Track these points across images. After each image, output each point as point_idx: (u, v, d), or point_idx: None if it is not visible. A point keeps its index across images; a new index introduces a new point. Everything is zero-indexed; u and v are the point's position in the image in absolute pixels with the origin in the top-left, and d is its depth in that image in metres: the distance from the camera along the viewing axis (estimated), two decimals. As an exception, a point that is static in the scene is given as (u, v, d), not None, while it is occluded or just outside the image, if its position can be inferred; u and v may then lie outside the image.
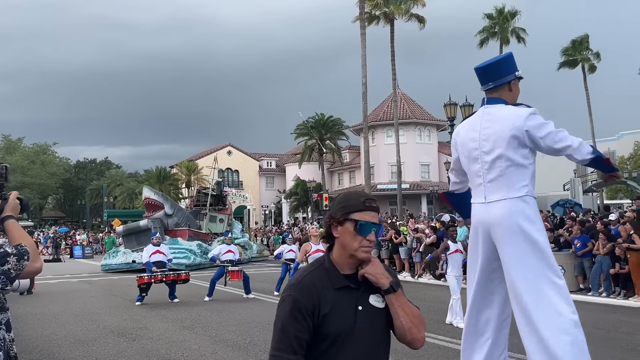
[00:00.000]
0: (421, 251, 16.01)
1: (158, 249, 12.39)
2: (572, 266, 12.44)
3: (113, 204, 61.52)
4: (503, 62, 3.63)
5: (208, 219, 26.60)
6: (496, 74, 3.59)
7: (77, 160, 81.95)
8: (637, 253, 10.84)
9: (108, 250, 27.85)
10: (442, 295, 12.56)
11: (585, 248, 12.09)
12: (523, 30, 37.03)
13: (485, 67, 3.65)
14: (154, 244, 12.52)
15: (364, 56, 27.99)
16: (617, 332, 7.95)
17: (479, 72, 3.69)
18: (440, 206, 40.03)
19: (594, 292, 11.60)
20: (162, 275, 11.99)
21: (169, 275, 12.21)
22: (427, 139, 45.33)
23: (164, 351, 7.08)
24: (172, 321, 9.45)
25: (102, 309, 11.25)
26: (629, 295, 10.98)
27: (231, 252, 12.75)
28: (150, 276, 11.87)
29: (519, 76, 3.60)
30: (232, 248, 12.94)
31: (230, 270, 12.44)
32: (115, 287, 15.55)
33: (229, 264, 12.56)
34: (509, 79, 3.55)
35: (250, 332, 8.19)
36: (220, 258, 12.70)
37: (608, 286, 11.46)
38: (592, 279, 11.78)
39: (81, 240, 37.39)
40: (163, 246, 12.78)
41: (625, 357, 6.46)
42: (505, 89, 3.57)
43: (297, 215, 46.34)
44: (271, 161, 59.78)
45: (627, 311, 9.99)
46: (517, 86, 3.59)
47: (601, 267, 11.51)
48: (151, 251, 12.34)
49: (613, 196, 44.61)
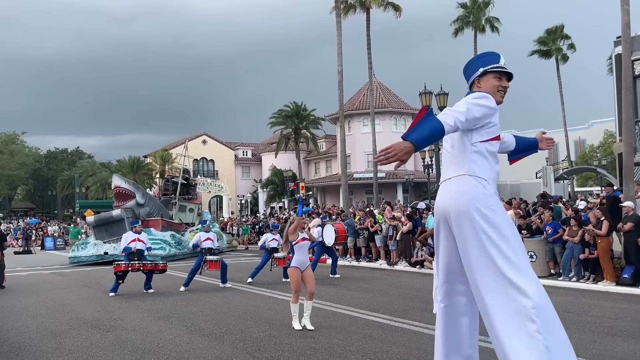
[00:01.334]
0: (398, 239, 16.14)
1: (138, 237, 12.17)
2: (543, 252, 12.71)
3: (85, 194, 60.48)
4: (470, 63, 3.84)
5: (177, 209, 26.06)
6: (466, 74, 3.85)
7: (47, 150, 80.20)
8: (605, 239, 11.13)
9: (74, 241, 27.11)
10: (418, 282, 12.72)
11: (556, 234, 12.34)
12: (497, 20, 37.41)
13: (463, 69, 3.89)
14: (135, 232, 12.28)
15: (339, 44, 27.89)
16: (587, 315, 8.16)
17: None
18: (416, 194, 40.42)
19: (564, 277, 11.88)
20: (139, 264, 11.82)
21: (146, 264, 12.04)
22: (402, 128, 45.55)
23: (138, 342, 6.99)
24: (147, 312, 9.34)
25: (74, 300, 11.05)
26: (598, 279, 11.28)
27: (210, 240, 12.55)
28: (127, 264, 11.69)
29: (482, 72, 3.71)
30: (211, 235, 12.72)
31: (208, 259, 12.30)
32: (89, 279, 15.30)
33: (207, 252, 12.41)
34: (474, 78, 3.76)
35: (226, 322, 8.15)
36: (200, 246, 12.50)
37: (578, 271, 11.75)
38: (563, 265, 12.06)
39: (52, 232, 36.66)
40: (143, 234, 12.53)
41: (595, 339, 6.64)
42: (475, 86, 3.76)
43: (274, 205, 46.24)
44: (247, 150, 59.40)
45: (597, 295, 10.26)
46: (487, 81, 3.70)
47: (572, 252, 11.78)
48: (131, 238, 12.14)
49: (583, 184, 45.64)
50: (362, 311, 8.69)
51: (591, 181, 43.64)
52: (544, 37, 39.40)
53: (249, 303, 9.95)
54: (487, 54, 3.80)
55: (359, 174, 42.76)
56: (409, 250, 15.73)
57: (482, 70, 3.71)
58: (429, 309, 8.74)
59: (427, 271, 14.49)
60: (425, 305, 9.25)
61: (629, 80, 13.42)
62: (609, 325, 7.46)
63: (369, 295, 10.47)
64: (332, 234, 14.28)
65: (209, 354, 6.27)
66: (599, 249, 11.17)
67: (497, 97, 3.65)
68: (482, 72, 3.71)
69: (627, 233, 10.93)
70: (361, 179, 42.12)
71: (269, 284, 12.61)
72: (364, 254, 17.78)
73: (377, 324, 7.74)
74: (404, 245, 15.94)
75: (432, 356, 5.90)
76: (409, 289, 11.37)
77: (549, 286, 11.40)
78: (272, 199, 46.31)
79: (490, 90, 3.64)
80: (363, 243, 17.77)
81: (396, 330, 7.25)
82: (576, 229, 11.72)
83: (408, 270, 15.12)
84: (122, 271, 11.60)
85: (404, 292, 10.96)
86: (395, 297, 10.16)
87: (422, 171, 34.92)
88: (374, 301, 9.71)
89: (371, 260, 17.23)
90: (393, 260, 16.24)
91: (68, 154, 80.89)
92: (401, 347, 6.30)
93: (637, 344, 6.33)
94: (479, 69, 3.73)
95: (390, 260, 16.37)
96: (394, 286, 11.98)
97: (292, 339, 6.84)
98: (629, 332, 6.97)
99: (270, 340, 6.85)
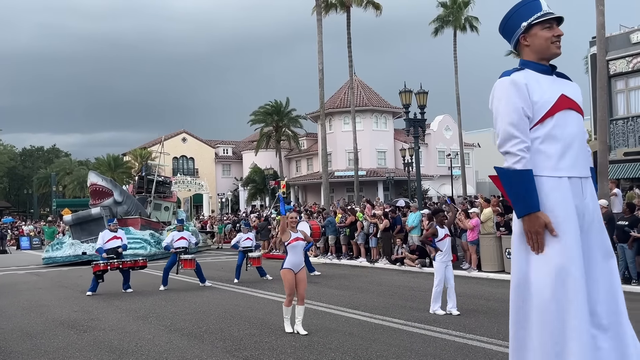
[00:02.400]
0: (378, 236, 16.22)
1: (115, 235, 11.94)
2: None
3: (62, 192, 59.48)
4: (508, 19, 3.10)
5: (152, 207, 25.44)
6: (506, 33, 3.13)
7: (23, 148, 78.64)
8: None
9: (48, 241, 26.23)
10: (399, 279, 12.80)
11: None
12: (476, 19, 37.79)
13: (500, 28, 3.15)
14: (111, 230, 12.02)
15: (320, 42, 27.88)
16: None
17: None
18: (397, 192, 40.66)
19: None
20: (118, 262, 11.64)
21: (126, 262, 11.85)
22: (383, 126, 45.78)
23: (116, 342, 6.91)
24: (126, 311, 9.24)
25: (51, 301, 10.87)
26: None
27: (183, 239, 12.45)
28: (106, 263, 11.51)
29: (527, 26, 2.99)
30: (185, 235, 12.62)
31: (182, 258, 12.20)
32: (66, 279, 15.06)
33: (182, 252, 12.32)
34: (518, 36, 3.05)
35: (206, 321, 8.10)
36: (173, 245, 12.40)
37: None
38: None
39: (28, 231, 35.97)
40: (121, 232, 12.29)
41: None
42: (522, 45, 3.05)
43: (255, 203, 46.07)
44: (227, 148, 59.04)
45: (572, 291, 10.45)
46: (536, 36, 2.98)
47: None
48: (107, 237, 11.89)
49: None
50: (343, 309, 8.71)
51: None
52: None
53: (228, 302, 9.91)
54: (523, 3, 3.05)
55: (340, 172, 42.85)
56: (389, 248, 15.82)
57: (526, 24, 2.99)
58: (408, 306, 8.83)
59: (407, 268, 14.59)
60: (405, 302, 9.32)
61: (603, 80, 13.68)
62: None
63: (349, 293, 10.51)
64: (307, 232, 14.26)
65: (188, 353, 6.23)
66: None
67: (553, 49, 2.99)
68: (527, 26, 3.00)
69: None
70: (342, 177, 42.22)
71: (249, 282, 12.56)
72: (344, 251, 17.83)
73: (357, 321, 7.76)
74: (384, 242, 16.02)
75: (411, 353, 5.96)
76: (389, 286, 11.44)
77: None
78: (253, 197, 46.14)
79: (542, 46, 2.97)
80: (344, 241, 17.81)
81: (376, 328, 7.28)
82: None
83: (388, 268, 15.21)
84: (101, 270, 11.43)
85: (384, 289, 11.02)
86: (376, 295, 10.21)
87: (402, 169, 35.11)
88: (354, 299, 9.74)
89: (352, 257, 17.29)
90: (373, 258, 16.31)
91: (45, 152, 79.43)
92: (381, 345, 6.33)
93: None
94: (520, 25, 3.01)
95: (370, 258, 16.44)
96: (374, 283, 12.04)
97: (272, 338, 6.83)
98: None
99: (251, 338, 6.83)
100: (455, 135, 41.28)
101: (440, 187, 45.04)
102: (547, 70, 3.01)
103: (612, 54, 20.98)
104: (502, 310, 8.29)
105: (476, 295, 9.97)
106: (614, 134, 20.93)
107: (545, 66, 3.02)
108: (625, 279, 10.53)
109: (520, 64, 3.05)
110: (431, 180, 44.56)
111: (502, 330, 6.89)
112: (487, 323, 7.45)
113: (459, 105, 37.45)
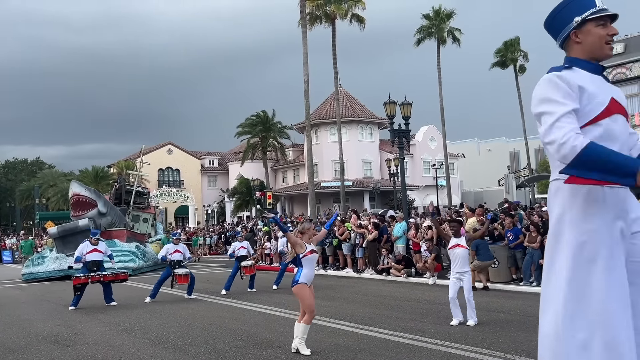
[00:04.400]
0: (364, 247, 16.25)
1: (95, 248, 11.67)
2: (505, 258, 13.01)
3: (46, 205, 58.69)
4: (558, 12, 2.79)
5: (131, 218, 24.72)
6: (554, 29, 2.83)
7: (5, 160, 77.61)
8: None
9: (27, 256, 24.39)
10: (385, 289, 12.83)
11: (517, 240, 12.67)
12: (458, 31, 38.36)
13: (547, 23, 2.86)
14: (92, 243, 11.72)
15: (305, 54, 28.06)
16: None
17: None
18: (383, 202, 40.79)
19: (525, 282, 12.18)
20: (99, 275, 11.42)
21: (107, 275, 11.61)
22: (369, 137, 46.04)
23: (100, 356, 6.84)
24: (109, 325, 9.14)
25: (34, 315, 10.72)
26: (557, 283, 11.60)
27: (179, 252, 12.13)
28: (86, 276, 11.28)
29: (580, 22, 2.69)
30: (180, 248, 12.30)
31: (177, 273, 11.94)
32: (49, 293, 14.85)
33: (176, 265, 12.07)
34: (568, 32, 2.74)
35: (191, 333, 8.05)
36: (167, 258, 12.06)
37: (538, 276, 12.06)
38: (524, 270, 12.36)
39: (11, 245, 35.41)
40: (102, 244, 11.99)
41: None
42: (572, 42, 2.75)
43: (241, 214, 45.89)
44: (213, 160, 58.87)
45: (556, 299, 10.56)
46: (589, 33, 2.68)
47: (532, 258, 12.10)
48: (87, 250, 11.59)
49: (544, 190, 46.94)
50: (329, 319, 8.71)
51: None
52: (502, 48, 41.03)
53: (214, 314, 9.85)
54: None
55: (327, 183, 42.93)
56: (375, 258, 15.86)
57: (580, 19, 2.68)
58: (394, 316, 8.86)
59: (393, 278, 14.63)
60: (391, 312, 9.35)
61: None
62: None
63: (335, 304, 10.51)
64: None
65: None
66: (558, 254, 11.50)
67: (607, 50, 2.71)
68: (580, 21, 2.68)
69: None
70: (328, 188, 42.28)
71: (235, 294, 12.50)
72: (331, 262, 17.83)
73: (343, 332, 7.77)
74: (370, 252, 16.06)
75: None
76: (375, 297, 11.46)
77: (510, 291, 11.70)
78: (239, 208, 45.97)
79: (595, 45, 2.69)
80: (330, 251, 17.82)
81: (362, 338, 7.30)
82: (535, 235, 12.06)
83: (375, 278, 15.23)
84: (81, 284, 11.19)
85: (370, 299, 11.04)
86: (362, 305, 10.23)
87: (388, 179, 35.28)
88: (340, 309, 9.75)
89: (338, 268, 17.29)
90: (360, 268, 16.33)
91: (28, 164, 78.43)
92: (367, 355, 6.35)
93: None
94: (573, 19, 2.69)
95: (357, 268, 16.46)
96: (360, 294, 12.05)
97: (258, 349, 6.81)
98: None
99: (236, 350, 6.80)
100: (440, 146, 41.66)
101: (425, 197, 45.29)
102: (597, 70, 2.72)
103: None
104: (488, 320, 8.36)
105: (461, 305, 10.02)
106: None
107: (596, 65, 2.73)
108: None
109: (568, 61, 2.73)
110: (417, 190, 44.82)
111: (486, 339, 6.95)
112: (472, 332, 7.51)
113: (443, 116, 37.86)
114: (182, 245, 12.58)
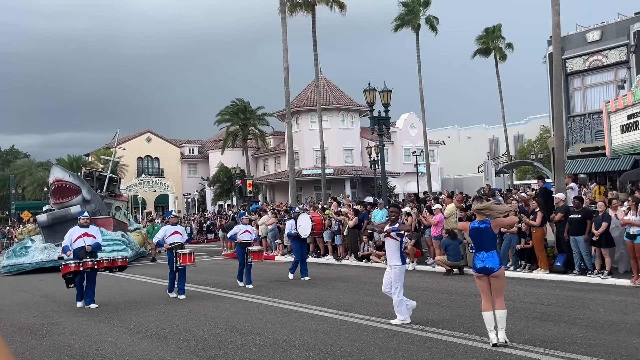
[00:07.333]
0: (344, 234, 16.31)
1: (86, 232, 9.96)
2: (483, 243, 13.15)
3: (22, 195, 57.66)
4: None
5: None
6: None
7: (-22, 150, 75.81)
8: (539, 229, 11.66)
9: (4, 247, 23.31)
10: (365, 275, 12.91)
11: (495, 226, 12.82)
12: (436, 19, 38.38)
13: None
14: (81, 225, 10.03)
15: (285, 41, 27.81)
16: (521, 302, 8.53)
17: None
18: (364, 190, 40.94)
19: (503, 267, 12.36)
20: (92, 262, 9.72)
21: (101, 261, 9.93)
22: (350, 124, 46.02)
23: (77, 346, 6.77)
24: (87, 315, 9.04)
25: (9, 306, 10.55)
26: (533, 268, 11.81)
27: (178, 234, 10.79)
28: (77, 263, 9.62)
29: None
30: (179, 229, 11.00)
31: (180, 253, 10.50)
32: (25, 283, 14.63)
33: (178, 246, 10.66)
34: None
35: (170, 322, 8.01)
36: (166, 241, 10.72)
37: (515, 260, 12.26)
38: (502, 255, 12.53)
39: (-14, 235, 34.75)
40: (92, 228, 10.25)
41: (528, 324, 6.96)
42: None
43: (222, 203, 45.67)
44: (193, 148, 58.31)
45: (531, 283, 10.75)
46: None
47: (510, 243, 12.27)
48: (77, 234, 9.89)
49: (522, 177, 47.60)
50: (309, 306, 8.75)
51: (529, 174, 45.59)
52: (483, 35, 41.16)
53: (193, 302, 9.81)
54: None
55: (308, 170, 42.89)
56: (355, 245, 15.94)
57: None
58: (373, 302, 8.93)
59: (373, 265, 14.73)
60: (370, 298, 9.42)
61: (559, 78, 14.10)
62: (542, 311, 7.84)
63: (315, 290, 10.55)
64: (309, 224, 13.17)
65: (151, 355, 6.16)
66: (534, 239, 11.69)
67: None
68: None
69: (558, 223, 11.49)
70: (310, 176, 42.26)
71: (214, 283, 12.46)
72: (312, 249, 17.87)
73: (323, 318, 7.81)
74: (350, 239, 16.13)
75: (374, 347, 6.03)
76: (355, 283, 11.53)
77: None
78: (220, 196, 45.74)
79: None
80: (310, 239, 17.83)
81: (341, 324, 7.34)
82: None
83: (355, 265, 15.32)
84: (72, 272, 9.63)
85: (350, 286, 11.10)
86: (342, 291, 10.28)
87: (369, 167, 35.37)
88: (320, 296, 9.79)
89: (319, 255, 17.35)
90: (340, 255, 16.41)
91: (2, 153, 76.81)
92: (345, 340, 6.39)
93: (567, 328, 6.69)
94: None
95: (337, 255, 16.53)
96: (340, 280, 12.11)
97: (237, 337, 6.81)
98: (559, 317, 7.35)
99: (215, 338, 6.79)
100: (420, 133, 41.83)
101: (406, 184, 45.58)
102: None
103: (569, 52, 21.63)
104: (464, 304, 8.48)
105: (439, 290, 10.15)
106: (571, 131, 21.58)
107: None
108: (581, 270, 10.89)
109: None
110: (397, 177, 45.04)
111: (463, 323, 7.05)
112: (449, 316, 7.61)
113: (422, 103, 37.97)
114: (180, 227, 11.29)
